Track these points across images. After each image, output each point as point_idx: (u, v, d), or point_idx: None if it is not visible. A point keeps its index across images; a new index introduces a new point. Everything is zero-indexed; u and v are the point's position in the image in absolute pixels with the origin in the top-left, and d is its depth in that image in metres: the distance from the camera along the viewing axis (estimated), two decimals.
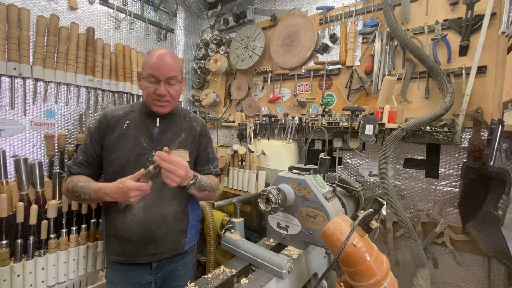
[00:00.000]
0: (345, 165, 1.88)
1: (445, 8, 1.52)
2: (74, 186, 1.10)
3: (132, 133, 1.18)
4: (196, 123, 1.34)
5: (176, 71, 1.14)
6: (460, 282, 1.50)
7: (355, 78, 1.80)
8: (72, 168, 1.19)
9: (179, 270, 1.29)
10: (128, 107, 1.26)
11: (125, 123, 1.19)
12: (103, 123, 1.19)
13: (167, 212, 1.20)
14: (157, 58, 1.10)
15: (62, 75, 1.69)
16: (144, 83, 1.14)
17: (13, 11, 1.49)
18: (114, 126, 1.18)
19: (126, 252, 1.18)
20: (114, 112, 1.22)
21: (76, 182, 1.11)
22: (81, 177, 1.16)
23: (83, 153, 1.19)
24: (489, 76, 1.40)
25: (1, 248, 1.42)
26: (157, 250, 1.20)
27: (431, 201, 1.57)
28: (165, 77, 1.11)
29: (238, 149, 2.16)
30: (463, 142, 1.47)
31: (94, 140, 1.19)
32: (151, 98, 1.14)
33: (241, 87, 2.40)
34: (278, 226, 1.12)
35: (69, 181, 1.15)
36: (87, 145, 1.20)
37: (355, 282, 0.72)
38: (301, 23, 2.02)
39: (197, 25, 2.78)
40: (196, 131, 1.31)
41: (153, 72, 1.10)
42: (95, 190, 1.06)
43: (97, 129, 1.19)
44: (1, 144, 1.50)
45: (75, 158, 1.20)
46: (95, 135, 1.19)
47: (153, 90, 1.12)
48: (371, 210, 0.71)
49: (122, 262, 1.20)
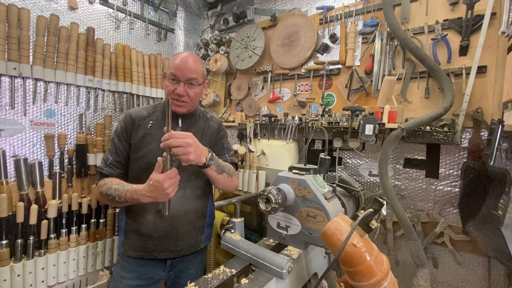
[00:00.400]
0: (345, 165, 1.88)
1: (445, 8, 1.52)
2: (108, 189, 1.09)
3: (156, 132, 1.20)
4: (213, 122, 1.38)
5: (197, 74, 1.18)
6: (460, 282, 1.50)
7: (355, 78, 1.80)
8: (103, 169, 1.18)
9: (190, 269, 1.31)
10: (151, 108, 1.29)
11: (149, 123, 1.22)
12: (128, 122, 1.21)
13: (190, 209, 1.24)
14: (180, 60, 1.15)
15: (62, 75, 1.69)
16: (166, 82, 1.19)
17: (13, 11, 1.49)
18: (139, 126, 1.21)
19: (146, 248, 1.20)
20: (138, 112, 1.25)
21: (110, 185, 1.10)
22: (113, 179, 1.15)
23: (112, 154, 1.20)
24: (489, 76, 1.40)
25: (1, 248, 1.42)
26: (177, 246, 1.23)
27: (431, 201, 1.57)
28: (185, 78, 1.15)
29: (238, 149, 2.16)
30: (463, 142, 1.47)
31: (123, 138, 1.20)
32: (170, 97, 1.18)
33: (241, 87, 2.40)
34: (278, 226, 1.12)
35: (101, 184, 1.14)
36: (116, 145, 1.20)
37: (355, 282, 0.72)
38: (301, 23, 2.02)
39: (197, 25, 2.78)
40: (213, 129, 1.35)
41: (174, 72, 1.14)
42: (131, 192, 1.04)
43: (124, 128, 1.21)
44: (1, 144, 1.50)
45: (105, 159, 1.20)
46: (123, 133, 1.21)
47: (173, 90, 1.16)
48: (371, 210, 0.71)
49: (141, 257, 1.21)
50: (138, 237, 1.20)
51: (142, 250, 1.21)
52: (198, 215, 1.28)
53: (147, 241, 1.20)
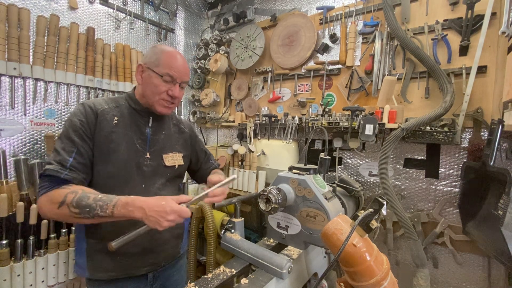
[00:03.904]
0: (345, 165, 1.88)
1: (445, 8, 1.52)
2: (81, 199, 0.84)
3: (123, 131, 1.04)
4: (184, 124, 1.31)
5: (189, 76, 1.14)
6: (460, 282, 1.50)
7: (355, 78, 1.80)
8: (60, 173, 0.88)
9: (174, 275, 1.26)
10: (111, 102, 1.09)
11: (114, 119, 1.04)
12: (90, 115, 0.99)
13: None
14: (177, 60, 1.06)
15: (62, 75, 1.69)
16: (156, 81, 1.04)
17: (13, 11, 1.49)
18: (101, 121, 1.01)
19: (121, 267, 1.04)
20: (99, 104, 1.04)
21: (85, 194, 0.85)
22: (80, 186, 0.91)
23: (72, 154, 0.93)
24: (489, 76, 1.40)
25: (1, 248, 1.42)
26: (157, 258, 1.13)
27: (431, 201, 1.57)
28: (181, 80, 1.08)
29: (238, 149, 2.16)
30: (463, 142, 1.47)
31: (84, 134, 0.96)
32: (160, 97, 1.06)
33: (241, 87, 2.40)
34: (278, 226, 1.12)
35: (61, 193, 0.86)
36: (76, 143, 0.94)
37: (355, 282, 0.72)
38: (301, 23, 2.02)
39: (197, 25, 2.78)
40: (186, 134, 1.29)
41: (171, 72, 1.04)
42: (123, 204, 0.84)
43: (86, 122, 0.98)
44: (1, 144, 1.50)
45: (61, 161, 0.90)
46: (85, 129, 0.97)
47: (165, 90, 1.05)
48: (371, 210, 0.71)
49: (115, 278, 1.05)
50: (108, 257, 1.02)
51: (115, 270, 1.04)
52: None
53: (122, 259, 1.04)
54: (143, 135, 1.10)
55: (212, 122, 2.52)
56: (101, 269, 1.03)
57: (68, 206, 0.84)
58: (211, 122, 2.53)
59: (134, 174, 1.04)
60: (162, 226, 0.83)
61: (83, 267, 1.04)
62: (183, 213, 0.86)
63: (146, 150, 1.10)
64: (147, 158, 1.08)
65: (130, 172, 1.04)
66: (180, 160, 1.20)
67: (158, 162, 1.11)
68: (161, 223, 0.83)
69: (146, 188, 1.07)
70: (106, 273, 1.04)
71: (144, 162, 1.08)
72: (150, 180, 1.08)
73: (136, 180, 1.05)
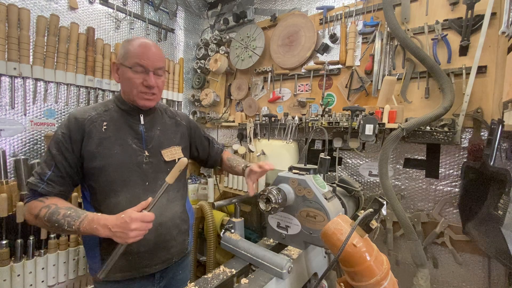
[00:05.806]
0: (345, 165, 1.88)
1: (445, 8, 1.52)
2: (52, 214, 0.88)
3: (115, 135, 1.03)
4: (180, 117, 1.28)
5: (163, 62, 1.08)
6: (460, 282, 1.50)
7: (355, 78, 1.80)
8: (37, 187, 0.92)
9: (180, 274, 1.25)
10: (100, 106, 1.08)
11: (103, 125, 1.02)
12: (75, 129, 0.98)
13: (175, 213, 1.15)
14: (144, 47, 1.01)
15: (62, 75, 1.69)
16: (128, 74, 1.00)
17: (13, 11, 1.49)
18: (90, 131, 1.00)
19: (133, 266, 1.04)
20: (85, 114, 1.02)
21: (56, 210, 0.89)
22: (56, 200, 0.94)
23: (51, 167, 0.94)
24: (489, 76, 1.40)
25: (1, 248, 1.42)
26: (168, 255, 1.12)
27: (431, 201, 1.57)
28: (154, 67, 1.02)
29: (238, 149, 2.16)
30: (463, 142, 1.47)
31: (65, 149, 0.96)
32: (138, 90, 1.02)
33: (241, 87, 2.40)
34: (278, 226, 1.12)
35: (37, 206, 0.91)
36: (55, 157, 0.95)
37: (355, 282, 0.72)
38: (301, 23, 2.02)
39: (197, 25, 2.78)
40: (182, 126, 1.26)
41: (141, 61, 0.99)
42: (89, 221, 0.86)
43: (68, 136, 0.97)
44: (1, 144, 1.50)
45: (40, 174, 0.94)
46: (65, 142, 0.96)
47: (140, 81, 1.01)
48: (371, 210, 0.71)
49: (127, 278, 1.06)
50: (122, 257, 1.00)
51: (129, 269, 1.05)
52: (183, 217, 1.20)
53: (133, 258, 1.04)
54: (137, 133, 1.08)
55: (212, 122, 2.52)
56: (117, 269, 1.03)
57: (41, 219, 0.89)
58: (211, 122, 2.54)
59: (135, 175, 1.04)
60: (130, 237, 0.83)
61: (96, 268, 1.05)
62: (145, 217, 0.86)
63: (144, 148, 1.08)
64: (146, 156, 1.07)
65: (130, 174, 1.03)
66: (180, 153, 1.18)
67: (157, 158, 1.10)
68: (128, 235, 0.83)
69: (150, 186, 1.06)
70: (122, 273, 1.04)
71: (144, 160, 1.06)
72: (152, 178, 1.08)
73: (138, 180, 1.04)
